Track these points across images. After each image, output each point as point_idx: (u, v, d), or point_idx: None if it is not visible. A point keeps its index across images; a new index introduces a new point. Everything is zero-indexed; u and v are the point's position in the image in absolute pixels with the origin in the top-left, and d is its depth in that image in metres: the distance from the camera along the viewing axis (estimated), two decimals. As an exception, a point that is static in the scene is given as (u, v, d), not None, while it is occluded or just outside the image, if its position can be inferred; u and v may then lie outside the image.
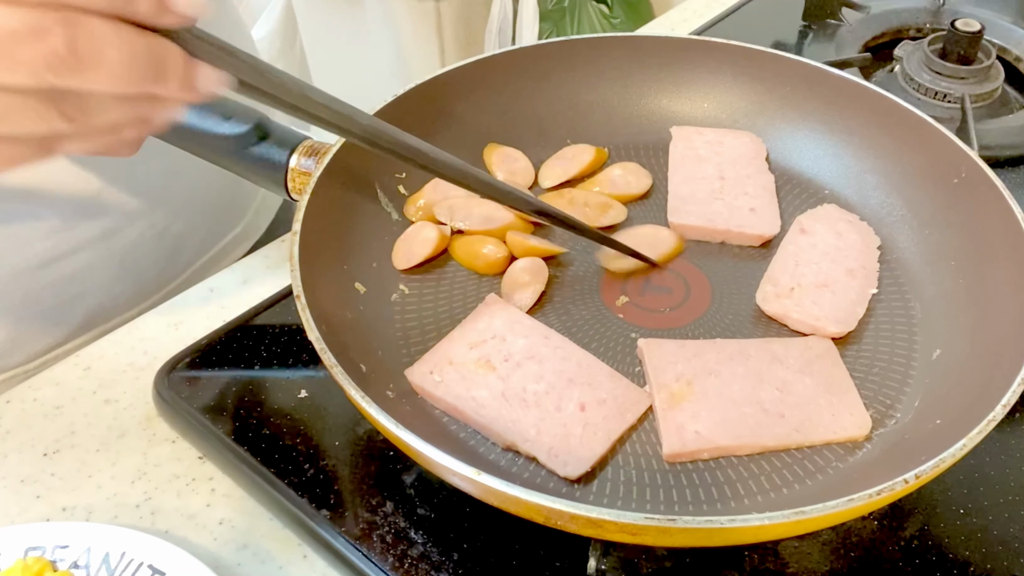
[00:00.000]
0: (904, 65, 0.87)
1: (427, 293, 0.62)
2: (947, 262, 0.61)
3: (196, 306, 0.68)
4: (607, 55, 0.73)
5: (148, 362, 0.64)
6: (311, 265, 0.55)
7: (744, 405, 0.54)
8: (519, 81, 0.72)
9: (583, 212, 0.66)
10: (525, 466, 0.52)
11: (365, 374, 0.54)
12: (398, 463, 0.56)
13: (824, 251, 0.63)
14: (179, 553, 0.50)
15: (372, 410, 0.46)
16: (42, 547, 0.51)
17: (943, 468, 0.45)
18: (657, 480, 0.52)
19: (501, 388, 0.54)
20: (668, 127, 0.72)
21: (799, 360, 0.56)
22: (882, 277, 0.63)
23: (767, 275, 0.62)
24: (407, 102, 0.66)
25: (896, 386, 0.56)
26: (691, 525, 0.42)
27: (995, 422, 0.46)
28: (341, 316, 0.57)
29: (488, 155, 0.70)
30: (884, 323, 0.60)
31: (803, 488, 0.51)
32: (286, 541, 0.54)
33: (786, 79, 0.71)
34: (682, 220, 0.65)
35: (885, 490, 0.43)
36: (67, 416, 0.61)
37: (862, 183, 0.68)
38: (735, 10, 1.02)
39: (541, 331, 0.57)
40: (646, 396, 0.55)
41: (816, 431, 0.53)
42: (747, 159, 0.70)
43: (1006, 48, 0.91)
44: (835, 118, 0.69)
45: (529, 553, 0.52)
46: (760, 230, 0.65)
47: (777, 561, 0.52)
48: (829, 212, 0.66)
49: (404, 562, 0.51)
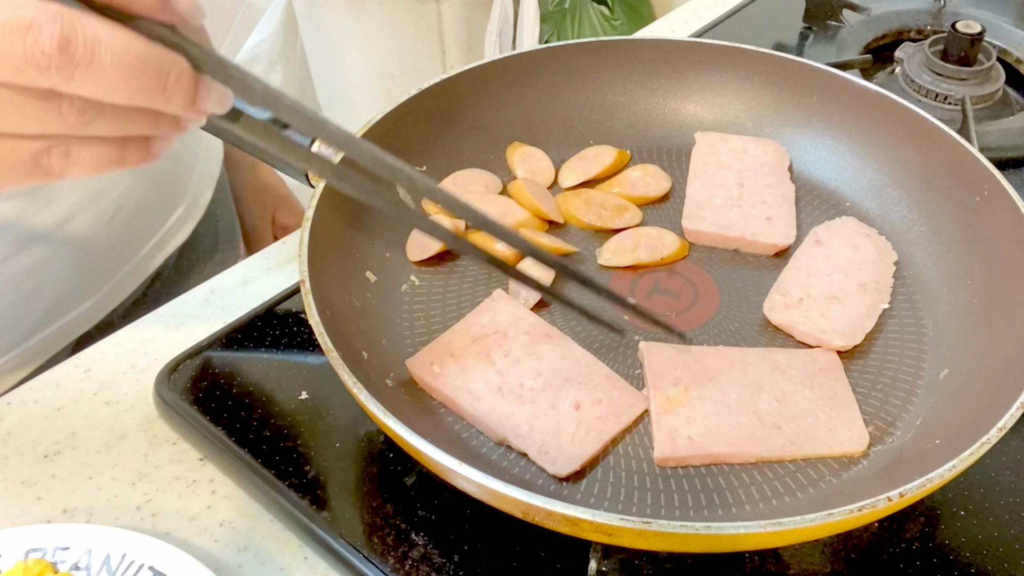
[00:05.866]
0: (905, 67, 0.87)
1: (437, 285, 0.63)
2: (964, 281, 0.60)
3: (196, 307, 0.68)
4: (635, 57, 0.73)
5: (149, 363, 0.64)
6: (320, 251, 0.56)
7: (740, 414, 0.53)
8: (545, 80, 0.72)
9: (599, 213, 0.66)
10: (516, 461, 0.53)
11: (365, 361, 0.54)
12: (399, 465, 0.56)
13: (838, 264, 0.62)
14: (180, 555, 0.50)
15: (362, 395, 0.47)
16: (43, 549, 0.51)
17: (930, 488, 0.44)
18: (646, 484, 0.52)
19: (498, 383, 0.55)
20: (693, 132, 0.72)
21: (801, 372, 0.56)
22: (897, 293, 0.62)
23: (777, 285, 0.61)
24: (433, 96, 0.67)
25: (899, 403, 0.55)
26: (665, 529, 0.42)
27: (989, 445, 0.45)
28: (348, 303, 0.58)
29: (511, 154, 0.71)
30: (894, 339, 0.59)
31: (792, 500, 0.51)
32: (287, 543, 0.54)
33: (814, 89, 0.70)
34: (696, 226, 0.65)
35: (867, 507, 0.43)
36: (68, 418, 0.61)
37: (884, 197, 0.67)
38: (736, 11, 1.02)
39: (543, 328, 0.58)
40: (643, 399, 0.55)
41: (812, 444, 0.53)
42: (769, 168, 0.69)
43: (1007, 50, 0.90)
44: (861, 131, 0.68)
45: (530, 555, 0.52)
46: (774, 239, 0.64)
47: (778, 564, 0.52)
48: (847, 224, 0.65)
49: (405, 563, 0.51)
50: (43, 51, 0.32)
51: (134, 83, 0.34)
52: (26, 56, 0.32)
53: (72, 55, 0.32)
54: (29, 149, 0.36)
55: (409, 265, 0.64)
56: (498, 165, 0.71)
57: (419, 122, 0.66)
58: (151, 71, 0.34)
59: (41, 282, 0.67)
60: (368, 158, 0.42)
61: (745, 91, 0.72)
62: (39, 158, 0.36)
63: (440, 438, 0.50)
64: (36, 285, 0.67)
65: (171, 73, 0.35)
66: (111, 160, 0.37)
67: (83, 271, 0.70)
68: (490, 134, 0.71)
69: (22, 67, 0.32)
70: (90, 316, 0.72)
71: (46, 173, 0.36)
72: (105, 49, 0.33)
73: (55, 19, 0.32)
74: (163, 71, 0.35)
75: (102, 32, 0.33)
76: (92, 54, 0.33)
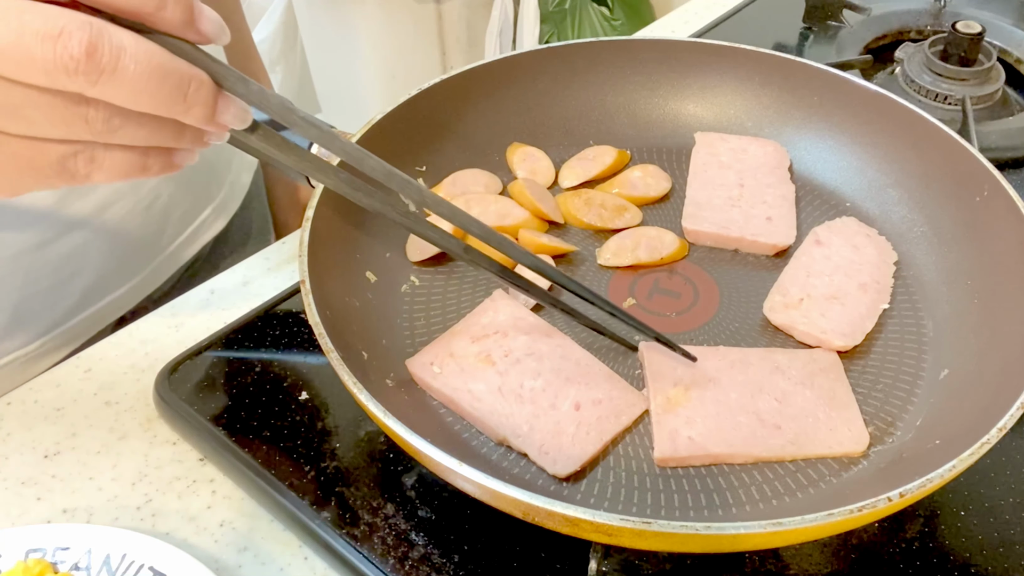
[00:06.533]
0: (905, 67, 0.87)
1: (437, 286, 0.63)
2: (964, 281, 0.60)
3: (197, 308, 0.68)
4: (635, 57, 0.73)
5: (149, 364, 0.64)
6: (320, 251, 0.56)
7: (740, 414, 0.53)
8: (545, 80, 0.72)
9: (599, 213, 0.66)
10: (516, 462, 0.53)
11: (366, 361, 0.54)
12: (399, 465, 0.56)
13: (838, 264, 0.62)
14: (180, 555, 0.50)
15: (362, 395, 0.47)
16: (43, 549, 0.51)
17: (930, 488, 0.44)
18: (646, 484, 0.52)
19: (498, 383, 0.55)
20: (693, 132, 0.72)
21: (801, 372, 0.56)
22: (897, 293, 0.62)
23: (777, 285, 0.61)
24: (433, 96, 0.67)
25: (899, 403, 0.55)
26: (665, 529, 0.42)
27: (989, 446, 0.45)
28: (348, 303, 0.58)
29: (511, 154, 0.71)
30: (894, 339, 0.59)
31: (792, 500, 0.51)
32: (287, 543, 0.55)
33: (814, 89, 0.70)
34: (696, 226, 0.65)
35: (867, 507, 0.43)
36: (68, 418, 0.61)
37: (884, 197, 0.67)
38: (736, 12, 1.02)
39: (543, 329, 0.58)
40: (643, 399, 0.55)
41: (811, 445, 0.53)
42: (769, 168, 0.69)
43: (1007, 50, 0.91)
44: (861, 131, 0.68)
45: (530, 555, 0.52)
46: (774, 240, 0.64)
47: (778, 564, 0.52)
48: (847, 225, 0.65)
49: (405, 564, 0.51)
50: (72, 55, 0.34)
51: (155, 91, 0.36)
52: (56, 60, 0.34)
53: (98, 61, 0.34)
54: (56, 152, 0.37)
55: (409, 265, 0.64)
56: (498, 165, 0.71)
57: (419, 122, 0.66)
58: (172, 81, 0.36)
59: (78, 267, 0.69)
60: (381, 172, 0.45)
61: (745, 91, 0.73)
62: (66, 161, 0.38)
63: (440, 438, 0.50)
64: (74, 270, 0.69)
65: (191, 84, 0.37)
66: (134, 167, 0.39)
67: (119, 258, 0.72)
68: (490, 134, 0.71)
69: (52, 71, 0.34)
70: (125, 301, 0.74)
71: (72, 176, 0.38)
72: (130, 57, 0.35)
73: (84, 27, 0.34)
74: (184, 82, 0.37)
75: (127, 41, 0.35)
76: (117, 61, 0.35)
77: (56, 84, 0.35)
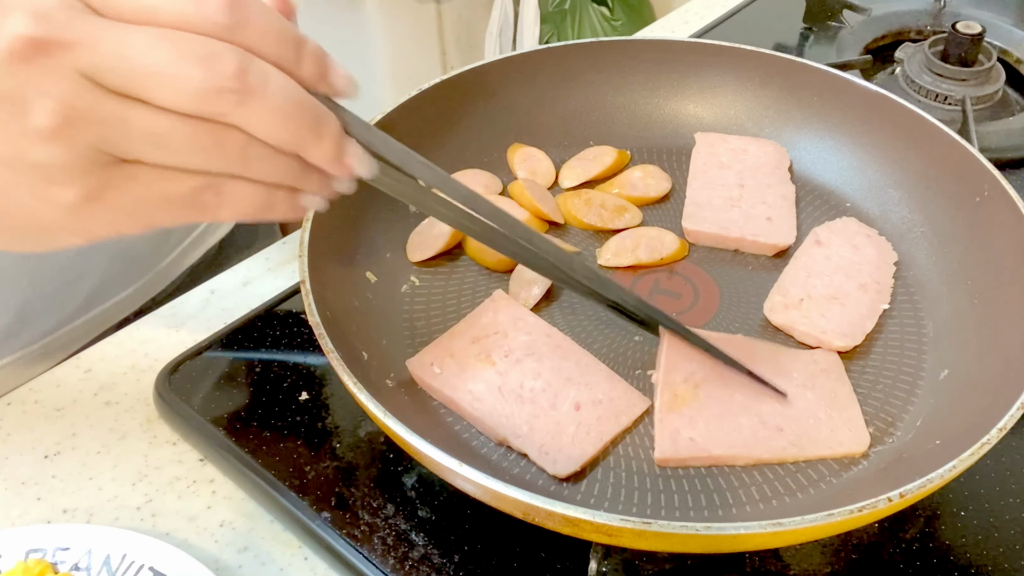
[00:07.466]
0: (905, 67, 0.87)
1: (437, 286, 0.63)
2: (964, 282, 0.60)
3: (197, 308, 0.68)
4: (635, 58, 0.73)
5: (149, 364, 0.64)
6: (321, 251, 0.56)
7: (742, 416, 0.53)
8: (545, 80, 0.72)
9: (599, 214, 0.66)
10: (516, 462, 0.53)
11: (366, 362, 0.54)
12: (399, 465, 0.56)
13: (838, 264, 0.62)
14: (180, 555, 0.50)
15: (362, 396, 0.47)
16: (43, 549, 0.51)
17: (930, 489, 0.44)
18: (647, 484, 0.52)
19: (498, 383, 0.55)
20: (693, 132, 0.72)
21: (803, 373, 0.56)
22: (897, 293, 0.62)
23: (777, 285, 0.61)
24: (433, 96, 0.67)
25: (900, 404, 0.55)
26: (665, 530, 0.42)
27: (989, 446, 0.45)
28: (348, 303, 0.58)
29: (511, 154, 0.71)
30: (894, 340, 0.59)
31: (793, 501, 0.51)
32: (287, 543, 0.55)
33: (814, 89, 0.70)
34: (696, 226, 0.65)
35: (867, 507, 0.43)
36: (68, 418, 0.61)
37: (885, 197, 0.67)
38: (736, 12, 1.02)
39: (543, 329, 0.58)
40: (643, 400, 0.55)
41: (813, 446, 0.53)
42: (769, 168, 0.69)
43: (1007, 50, 0.91)
44: (862, 131, 0.68)
45: (530, 555, 0.52)
46: (774, 240, 0.64)
47: (778, 564, 0.52)
48: (848, 225, 0.65)
49: (405, 564, 0.51)
50: (224, 75, 0.35)
51: (292, 122, 0.38)
52: (208, 79, 0.35)
53: (247, 83, 0.36)
54: (189, 184, 0.38)
55: (409, 265, 0.64)
56: (498, 166, 0.71)
57: (419, 123, 0.66)
58: (309, 114, 0.38)
59: (83, 271, 0.70)
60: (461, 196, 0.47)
61: (745, 91, 0.72)
62: (198, 194, 0.39)
63: (440, 438, 0.50)
64: (78, 273, 0.70)
65: (324, 120, 0.39)
66: (260, 204, 0.40)
67: (123, 261, 0.73)
68: (490, 134, 0.71)
69: (203, 90, 0.35)
70: (130, 303, 0.75)
71: (202, 210, 0.39)
72: (275, 83, 0.37)
73: (235, 52, 0.36)
74: (318, 117, 0.39)
75: (271, 72, 0.37)
76: (264, 86, 0.36)
77: (203, 107, 0.36)
